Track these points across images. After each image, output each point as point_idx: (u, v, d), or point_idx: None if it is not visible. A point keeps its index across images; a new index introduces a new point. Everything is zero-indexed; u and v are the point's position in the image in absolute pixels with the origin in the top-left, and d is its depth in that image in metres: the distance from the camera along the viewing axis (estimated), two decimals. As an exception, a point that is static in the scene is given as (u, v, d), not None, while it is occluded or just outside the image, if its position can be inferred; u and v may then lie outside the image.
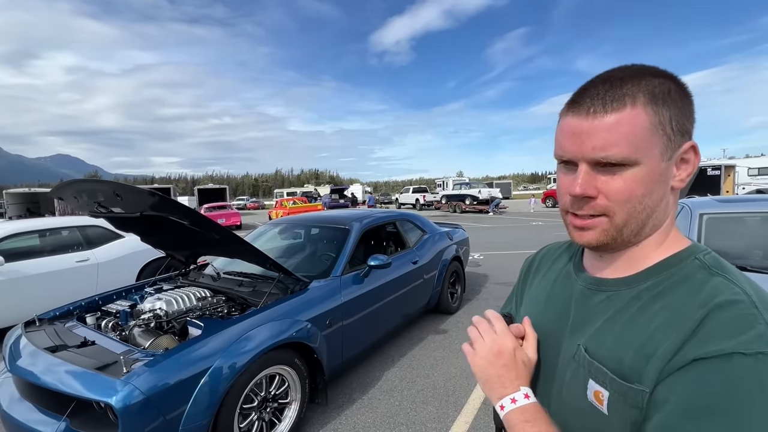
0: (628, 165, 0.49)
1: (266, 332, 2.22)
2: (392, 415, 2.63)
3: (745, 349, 0.40)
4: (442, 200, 24.92)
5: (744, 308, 0.43)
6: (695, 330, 0.44)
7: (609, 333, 0.53)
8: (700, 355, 0.42)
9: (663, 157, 0.50)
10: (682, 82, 0.51)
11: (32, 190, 23.97)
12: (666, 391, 0.43)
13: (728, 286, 0.46)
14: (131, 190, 2.08)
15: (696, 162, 0.52)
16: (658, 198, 0.51)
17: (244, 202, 46.22)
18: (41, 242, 4.77)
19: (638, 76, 0.50)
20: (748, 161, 21.72)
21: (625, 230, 0.52)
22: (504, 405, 0.57)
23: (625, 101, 0.48)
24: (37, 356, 2.04)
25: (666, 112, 0.48)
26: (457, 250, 4.79)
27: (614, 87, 0.49)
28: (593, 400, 0.52)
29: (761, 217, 3.32)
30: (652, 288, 0.52)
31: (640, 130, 0.48)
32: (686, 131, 0.51)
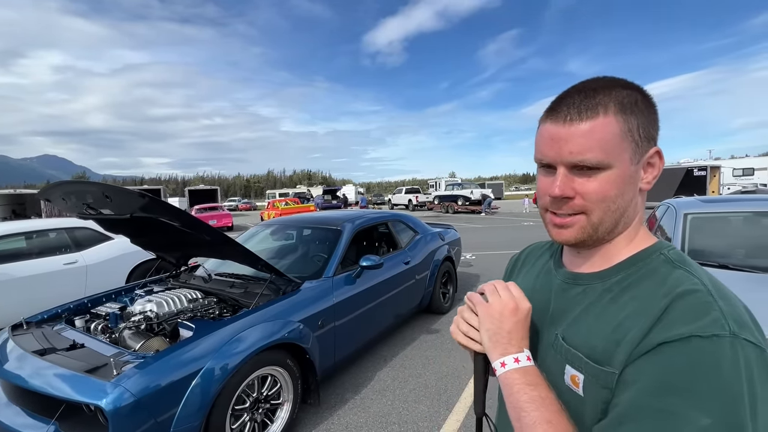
0: (602, 168, 0.54)
1: (258, 333, 2.22)
2: (384, 414, 2.65)
3: (702, 332, 0.45)
4: (434, 201, 25.02)
5: (701, 297, 0.48)
6: (660, 317, 0.48)
7: (584, 322, 0.58)
8: (664, 339, 0.46)
9: (632, 161, 0.55)
10: (648, 93, 0.56)
11: (18, 192, 23.48)
12: (634, 372, 0.47)
13: (688, 278, 0.51)
14: (121, 191, 2.07)
15: (660, 166, 0.57)
16: (629, 198, 0.57)
17: (235, 204, 45.85)
18: (28, 244, 4.70)
19: (609, 87, 0.54)
20: (732, 162, 22.23)
21: (601, 228, 0.57)
22: (506, 363, 0.58)
23: (598, 110, 0.53)
24: (24, 360, 2.02)
25: (634, 120, 0.53)
26: (449, 250, 4.82)
27: (588, 97, 0.54)
28: (570, 383, 0.56)
29: (744, 216, 3.41)
30: (622, 281, 0.57)
31: (611, 136, 0.53)
32: (652, 138, 0.56)
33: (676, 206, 3.68)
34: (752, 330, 0.46)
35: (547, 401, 0.53)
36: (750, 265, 2.67)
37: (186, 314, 2.46)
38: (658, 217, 4.24)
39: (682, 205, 3.67)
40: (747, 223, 3.34)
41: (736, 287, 2.03)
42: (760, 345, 0.45)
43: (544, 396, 0.54)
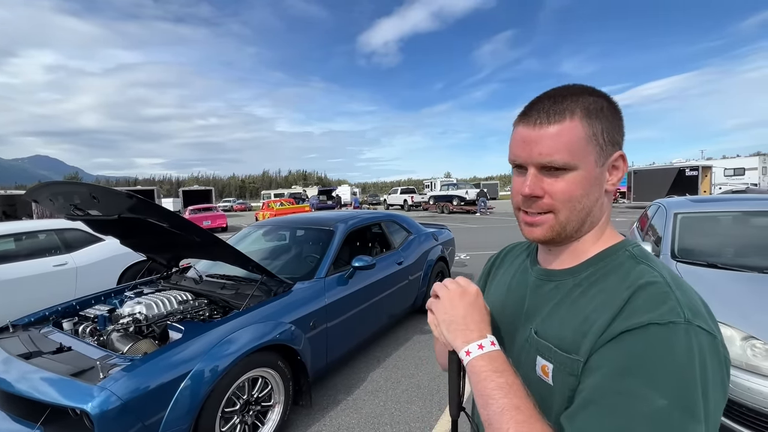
0: (568, 169, 0.57)
1: (248, 335, 2.20)
2: (377, 415, 2.64)
3: (659, 319, 0.48)
4: (430, 201, 25.05)
5: (660, 287, 0.52)
6: (623, 308, 0.52)
7: (556, 316, 0.61)
8: (626, 327, 0.49)
9: (597, 164, 0.58)
10: (614, 100, 0.60)
11: (8, 192, 23.17)
12: (598, 359, 0.51)
13: (649, 271, 0.55)
14: (108, 192, 2.05)
15: (624, 168, 0.61)
16: (594, 199, 0.60)
17: (230, 204, 45.58)
18: (17, 246, 4.63)
19: (577, 94, 0.58)
20: (724, 162, 22.46)
21: (568, 226, 0.60)
22: (470, 350, 0.58)
23: (565, 114, 0.57)
24: (9, 363, 1.99)
25: (599, 125, 0.57)
26: (443, 250, 4.83)
27: (557, 102, 0.58)
28: (541, 373, 0.59)
29: (733, 216, 3.45)
30: (590, 276, 0.60)
31: (577, 139, 0.56)
32: (616, 142, 0.59)
33: (667, 206, 3.71)
34: (706, 318, 0.50)
35: (515, 387, 0.54)
36: (739, 264, 2.70)
37: (176, 316, 2.44)
38: (650, 216, 4.28)
39: (672, 204, 3.70)
40: (736, 223, 3.38)
41: (725, 286, 2.05)
42: (713, 332, 0.49)
43: (511, 382, 0.54)
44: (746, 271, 2.59)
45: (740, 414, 1.94)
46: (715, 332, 0.49)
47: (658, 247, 3.22)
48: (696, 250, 3.04)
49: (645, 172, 21.37)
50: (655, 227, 3.77)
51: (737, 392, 1.92)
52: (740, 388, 1.91)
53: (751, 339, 2.00)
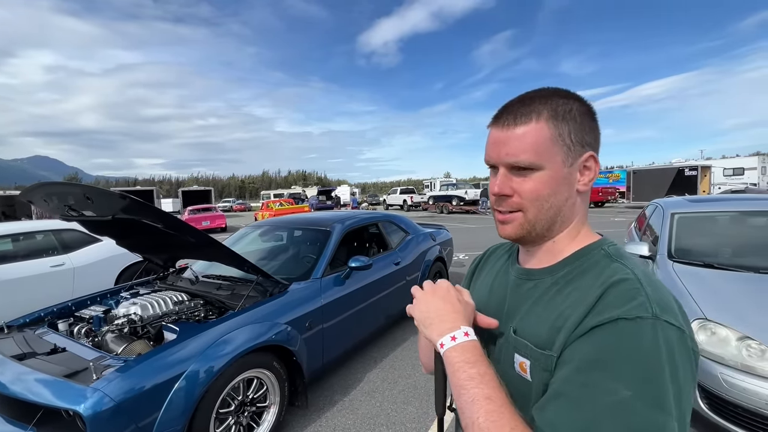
0: (535, 169, 0.59)
1: (243, 335, 2.20)
2: (373, 416, 2.64)
3: (627, 314, 0.50)
4: (429, 201, 25.04)
5: (631, 284, 0.53)
6: (595, 304, 0.53)
7: (533, 314, 0.62)
8: (596, 323, 0.51)
9: (565, 164, 0.60)
10: (587, 103, 0.62)
11: (7, 193, 23.15)
12: (570, 353, 0.52)
13: (622, 269, 0.57)
14: (101, 192, 2.04)
15: (596, 169, 0.62)
16: (563, 198, 0.61)
17: (230, 204, 45.58)
18: (14, 246, 4.63)
19: (546, 97, 0.60)
20: (723, 162, 22.48)
21: (537, 225, 0.62)
22: (444, 343, 0.59)
23: (532, 116, 0.59)
24: (3, 365, 1.98)
25: (565, 127, 0.59)
26: (441, 250, 4.83)
27: (525, 105, 0.60)
28: (519, 370, 0.60)
29: (730, 216, 3.44)
30: (567, 275, 0.62)
31: (542, 140, 0.58)
32: (586, 143, 0.61)
33: (664, 206, 3.71)
34: (675, 314, 0.51)
35: (487, 377, 0.54)
36: (736, 264, 2.69)
37: (171, 317, 2.43)
38: (647, 216, 4.28)
39: (669, 204, 3.70)
40: (733, 223, 3.38)
41: (721, 286, 2.05)
42: (681, 327, 0.50)
43: (483, 372, 0.55)
44: (743, 271, 2.59)
45: (735, 414, 1.93)
46: (684, 327, 0.51)
47: (656, 246, 3.22)
48: (693, 250, 3.04)
49: (644, 172, 21.38)
50: (652, 227, 3.77)
51: (733, 392, 1.92)
52: (736, 388, 1.91)
53: (747, 339, 2.00)
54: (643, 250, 3.16)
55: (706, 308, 2.22)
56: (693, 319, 2.19)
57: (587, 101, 0.62)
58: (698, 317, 2.19)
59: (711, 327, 2.12)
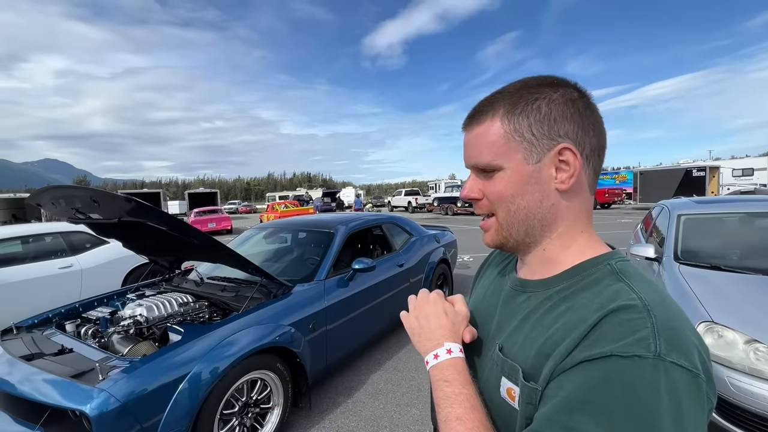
0: (496, 169, 0.56)
1: (247, 337, 2.21)
2: (376, 418, 2.64)
3: (622, 351, 0.42)
4: (434, 203, 25.01)
5: (633, 313, 0.45)
6: (588, 334, 0.45)
7: (521, 332, 0.56)
8: (586, 357, 0.44)
9: (527, 161, 0.54)
10: (573, 90, 0.55)
11: (17, 196, 23.52)
12: (554, 388, 0.46)
13: (627, 293, 0.48)
14: (107, 196, 2.07)
15: (576, 164, 0.53)
16: (535, 200, 0.55)
17: (235, 206, 45.87)
18: (24, 249, 4.70)
19: (514, 91, 0.55)
20: (732, 162, 22.20)
21: (512, 230, 0.58)
22: (428, 360, 0.59)
23: (487, 115, 0.56)
24: (12, 365, 2.01)
25: (524, 121, 0.53)
26: (445, 252, 4.81)
27: (485, 104, 0.57)
28: (506, 396, 0.54)
29: (739, 217, 3.40)
30: (563, 290, 0.54)
31: (495, 138, 0.55)
32: (560, 134, 0.53)
33: (670, 207, 3.67)
34: (687, 353, 0.42)
35: (461, 398, 0.53)
36: (744, 266, 2.66)
37: (176, 318, 2.46)
38: (654, 217, 4.24)
39: (676, 206, 3.67)
40: (741, 224, 3.34)
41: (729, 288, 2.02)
42: (693, 370, 0.41)
43: (458, 392, 0.53)
44: (750, 274, 2.55)
45: (743, 418, 1.91)
46: (698, 370, 0.42)
47: (662, 248, 3.18)
48: (700, 252, 3.00)
49: (651, 172, 21.18)
50: (659, 228, 3.73)
51: (740, 396, 1.89)
52: (743, 392, 1.89)
53: (755, 342, 1.97)
54: (649, 252, 3.13)
55: (713, 311, 2.19)
56: (699, 322, 2.16)
57: (576, 87, 0.55)
58: (705, 320, 2.16)
59: (718, 330, 2.10)
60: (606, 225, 13.18)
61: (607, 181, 27.95)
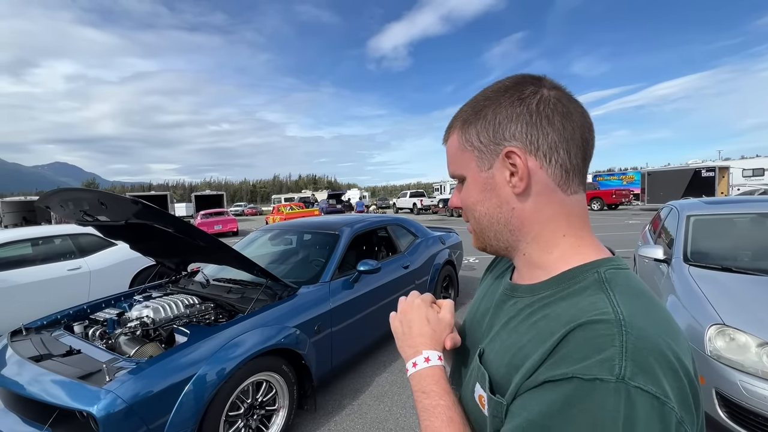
0: (462, 179, 0.60)
1: (253, 339, 2.21)
2: (381, 420, 2.63)
3: (583, 374, 0.39)
4: (439, 204, 24.96)
5: (602, 329, 0.41)
6: (553, 350, 0.43)
7: (498, 339, 0.55)
8: (549, 377, 0.41)
9: (480, 169, 0.56)
10: (508, 94, 0.52)
11: (28, 199, 23.91)
12: (519, 406, 0.44)
13: (603, 305, 0.44)
14: (114, 198, 2.09)
15: (522, 166, 0.51)
16: (493, 205, 0.55)
17: (241, 208, 46.15)
18: (34, 251, 4.76)
19: (471, 104, 0.57)
20: (743, 162, 21.88)
21: (483, 235, 0.59)
22: (408, 368, 0.60)
23: (452, 129, 0.60)
24: (21, 366, 2.03)
25: (472, 130, 0.55)
26: (450, 254, 4.79)
27: (451, 120, 0.61)
28: (478, 402, 0.54)
29: (750, 218, 3.35)
30: (546, 298, 0.51)
31: (454, 150, 0.59)
32: (506, 137, 0.52)
33: (679, 208, 3.62)
34: (655, 377, 0.38)
35: (438, 409, 0.53)
36: (755, 268, 2.61)
37: (182, 320, 2.47)
38: (662, 218, 4.19)
39: (684, 206, 3.62)
40: (752, 225, 3.28)
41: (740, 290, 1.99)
42: (660, 396, 0.37)
43: (435, 404, 0.54)
44: (763, 275, 2.51)
45: (756, 423, 1.87)
46: (667, 397, 0.38)
47: (671, 250, 3.14)
48: (710, 254, 2.96)
49: (659, 173, 20.94)
50: (667, 230, 3.69)
51: (753, 401, 1.86)
52: (756, 396, 1.85)
53: (767, 346, 1.93)
54: (658, 254, 3.09)
55: (724, 313, 2.16)
56: (710, 325, 2.12)
57: (535, 83, 0.52)
58: (716, 322, 2.12)
59: (730, 333, 2.06)
60: (613, 226, 13.06)
61: (614, 182, 27.70)
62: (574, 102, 0.52)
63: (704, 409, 0.44)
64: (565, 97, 0.52)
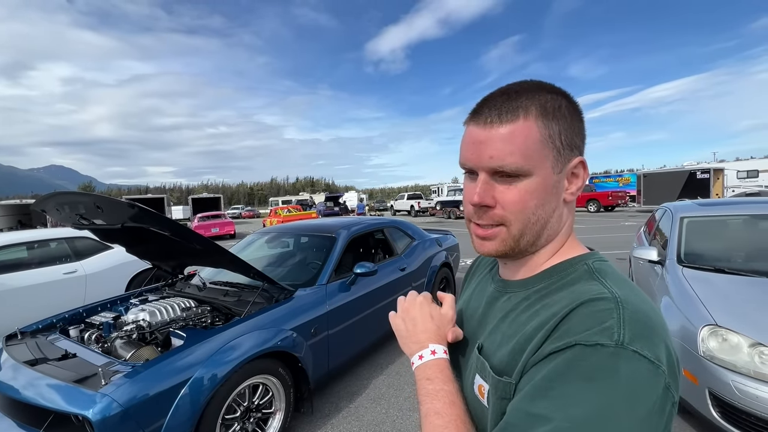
0: (522, 175, 0.51)
1: (249, 341, 2.21)
2: (378, 423, 2.63)
3: (586, 340, 0.42)
4: (436, 206, 25.00)
5: (602, 305, 0.45)
6: (556, 326, 0.46)
7: (499, 331, 0.57)
8: (554, 348, 0.45)
9: (554, 170, 0.52)
10: (574, 100, 0.55)
11: (23, 202, 23.75)
12: (525, 380, 0.47)
13: (599, 288, 0.49)
14: (111, 201, 2.09)
15: (585, 177, 0.55)
16: (551, 209, 0.54)
17: (239, 211, 46.06)
18: (29, 254, 4.74)
19: (533, 91, 0.52)
20: (737, 164, 22.06)
21: (522, 240, 0.55)
22: (414, 362, 0.61)
23: (519, 113, 0.51)
24: (16, 370, 2.02)
25: (556, 126, 0.51)
26: (447, 256, 4.81)
27: (510, 99, 0.52)
28: (477, 393, 0.56)
29: (743, 219, 3.38)
30: (541, 290, 0.55)
31: (532, 141, 0.50)
32: (575, 146, 0.54)
33: (673, 210, 3.66)
34: (651, 344, 0.42)
35: (441, 393, 0.54)
36: (748, 269, 2.64)
37: (178, 323, 2.46)
38: (657, 220, 4.22)
39: (678, 208, 3.65)
40: (745, 226, 3.32)
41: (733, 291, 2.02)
42: (655, 361, 0.41)
43: (438, 389, 0.55)
44: (755, 276, 2.53)
45: (749, 423, 1.89)
46: (660, 362, 0.41)
47: (665, 251, 3.17)
48: (703, 255, 2.98)
49: (655, 175, 21.08)
50: (662, 231, 3.72)
51: (745, 401, 1.87)
52: (748, 396, 1.87)
53: (760, 346, 1.96)
54: (652, 255, 3.12)
55: (716, 314, 2.18)
56: (703, 325, 2.15)
57: (574, 98, 0.54)
58: (709, 323, 2.14)
59: (722, 333, 2.08)
60: (609, 228, 13.11)
61: (610, 183, 27.83)
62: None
63: (698, 408, 0.49)
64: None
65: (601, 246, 8.57)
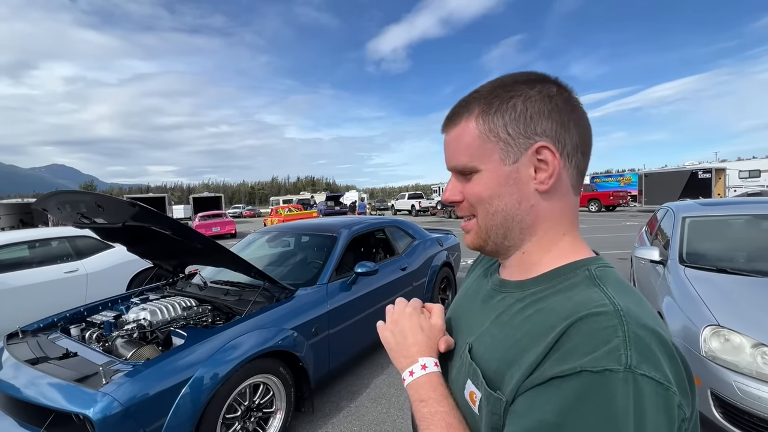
0: (473, 171, 0.55)
1: (250, 341, 2.21)
2: (379, 422, 2.63)
3: (592, 366, 0.40)
4: (437, 206, 25.00)
5: (604, 321, 0.42)
6: (556, 344, 0.43)
7: (489, 334, 0.55)
8: (558, 373, 0.41)
9: (504, 162, 0.53)
10: (553, 86, 0.52)
11: (25, 201, 23.80)
12: (525, 406, 0.43)
13: (600, 298, 0.46)
14: (112, 200, 2.09)
15: (555, 163, 0.51)
16: (514, 201, 0.53)
17: (240, 210, 46.11)
18: (30, 253, 4.75)
19: (491, 90, 0.53)
20: (739, 164, 22.00)
21: (491, 233, 0.56)
22: (405, 378, 0.59)
23: (462, 115, 0.55)
24: (17, 369, 2.03)
25: (499, 120, 0.52)
26: (448, 256, 4.80)
27: (459, 105, 0.56)
28: (468, 399, 0.53)
29: (745, 219, 3.37)
30: (537, 293, 0.52)
31: (471, 139, 0.54)
32: (537, 133, 0.51)
33: (675, 209, 3.65)
34: (657, 363, 0.40)
35: (437, 417, 0.52)
36: (750, 269, 2.63)
37: (179, 322, 2.46)
38: (658, 219, 4.21)
39: (680, 208, 3.64)
40: (747, 226, 3.31)
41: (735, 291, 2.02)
42: (664, 382, 0.39)
43: (433, 412, 0.53)
44: (757, 276, 2.52)
45: (751, 423, 1.88)
46: (669, 382, 0.40)
47: (667, 251, 3.16)
48: (705, 255, 2.98)
49: (656, 175, 21.04)
50: (663, 231, 3.71)
51: (747, 401, 1.87)
52: (751, 397, 1.86)
53: (762, 346, 1.95)
54: (654, 255, 3.11)
55: (719, 314, 2.17)
56: (705, 326, 2.14)
57: (556, 82, 0.53)
58: (711, 323, 2.14)
59: (725, 334, 2.07)
60: (611, 228, 13.10)
61: (612, 183, 27.80)
62: (582, 106, 0.55)
63: (700, 409, 0.47)
64: (579, 101, 0.54)
65: (603, 246, 8.56)
